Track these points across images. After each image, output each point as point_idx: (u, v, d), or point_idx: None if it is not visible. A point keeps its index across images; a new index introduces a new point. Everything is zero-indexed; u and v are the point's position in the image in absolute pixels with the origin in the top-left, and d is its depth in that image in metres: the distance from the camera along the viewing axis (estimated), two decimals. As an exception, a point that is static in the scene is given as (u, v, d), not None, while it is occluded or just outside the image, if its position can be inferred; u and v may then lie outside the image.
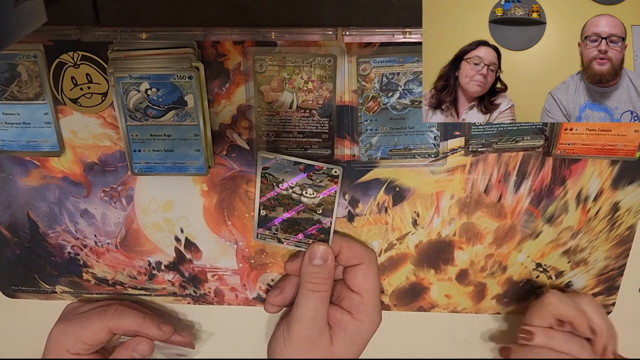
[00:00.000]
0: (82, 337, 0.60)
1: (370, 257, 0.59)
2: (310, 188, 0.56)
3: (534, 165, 0.58)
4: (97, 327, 0.60)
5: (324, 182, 0.56)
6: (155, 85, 0.53)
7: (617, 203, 0.59)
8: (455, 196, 0.59)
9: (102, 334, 0.60)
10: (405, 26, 0.44)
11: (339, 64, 0.53)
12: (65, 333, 0.60)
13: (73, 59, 0.54)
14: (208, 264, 0.64)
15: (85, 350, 0.60)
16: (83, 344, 0.60)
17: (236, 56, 0.53)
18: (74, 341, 0.60)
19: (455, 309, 0.66)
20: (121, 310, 0.61)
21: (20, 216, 0.63)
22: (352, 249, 0.59)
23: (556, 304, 0.58)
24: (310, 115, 0.55)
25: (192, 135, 0.55)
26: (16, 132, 0.57)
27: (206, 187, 0.60)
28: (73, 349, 0.60)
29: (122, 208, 0.62)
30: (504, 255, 0.62)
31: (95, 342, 0.60)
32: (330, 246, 0.58)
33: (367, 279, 0.59)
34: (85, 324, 0.60)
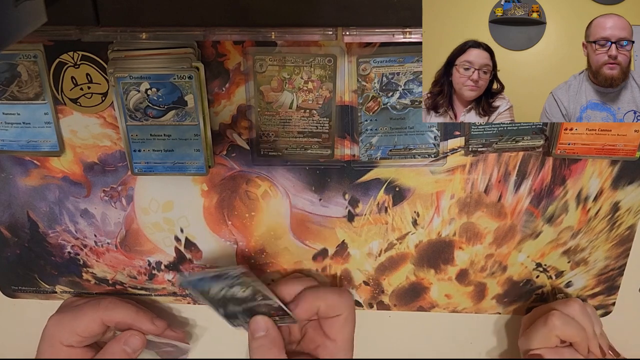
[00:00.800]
0: (75, 329, 0.60)
1: (348, 306, 0.59)
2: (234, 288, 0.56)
3: (534, 165, 0.58)
4: (90, 319, 0.60)
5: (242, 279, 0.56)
6: (155, 85, 0.53)
7: (617, 203, 0.59)
8: (455, 196, 0.59)
9: (95, 326, 0.60)
10: (405, 26, 0.44)
11: (339, 64, 0.53)
12: (60, 325, 0.60)
13: (73, 59, 0.54)
14: (208, 264, 0.64)
15: (79, 342, 0.60)
16: (77, 335, 0.60)
17: (236, 56, 0.53)
18: (68, 333, 0.60)
19: (455, 309, 0.66)
20: (114, 303, 0.61)
21: (20, 216, 0.63)
22: (329, 303, 0.59)
23: (561, 327, 0.58)
24: (310, 115, 0.55)
25: (192, 135, 0.55)
26: (16, 132, 0.57)
27: (206, 187, 0.60)
28: (67, 340, 0.60)
29: (122, 208, 0.62)
30: (504, 255, 0.62)
31: (89, 334, 0.60)
32: (268, 318, 0.58)
33: (345, 327, 0.59)
34: (79, 315, 0.60)
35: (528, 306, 0.65)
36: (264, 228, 0.62)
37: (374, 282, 0.64)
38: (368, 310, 0.66)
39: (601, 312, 0.65)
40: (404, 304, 0.66)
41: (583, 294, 0.64)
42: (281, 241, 0.62)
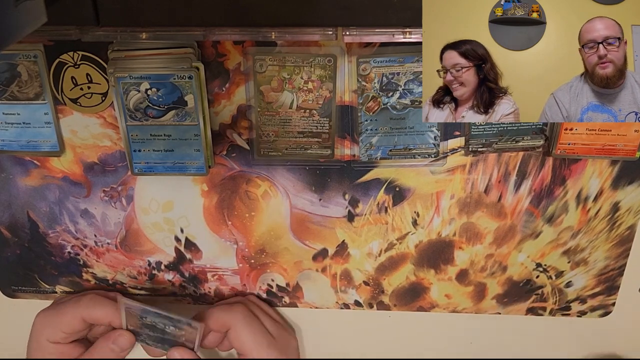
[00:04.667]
0: (59, 325, 0.59)
1: (235, 317, 0.60)
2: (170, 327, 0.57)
3: (534, 165, 0.58)
4: (71, 316, 0.60)
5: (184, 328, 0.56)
6: (155, 85, 0.53)
7: (617, 203, 0.59)
8: (455, 196, 0.59)
9: (77, 323, 0.60)
10: (405, 26, 0.44)
11: (339, 64, 0.53)
12: (45, 322, 0.60)
13: (73, 59, 0.54)
14: (208, 264, 0.64)
15: (64, 339, 0.60)
16: (61, 332, 0.59)
17: (236, 56, 0.53)
18: (52, 330, 0.60)
19: (455, 309, 0.66)
20: (95, 300, 0.60)
21: (20, 216, 0.63)
22: (215, 320, 0.59)
23: None
24: (310, 115, 0.55)
25: (192, 135, 0.55)
26: (16, 132, 0.57)
27: (206, 187, 0.60)
28: (52, 337, 0.60)
29: (122, 208, 0.62)
30: (504, 255, 0.62)
31: (72, 330, 0.60)
32: None
33: (242, 337, 0.59)
34: (61, 312, 0.60)
35: (528, 306, 0.65)
36: (264, 228, 0.62)
37: (374, 282, 0.64)
38: (368, 310, 0.66)
39: (601, 312, 0.65)
40: (404, 304, 0.66)
41: (583, 294, 0.64)
42: (281, 241, 0.62)
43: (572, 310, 0.65)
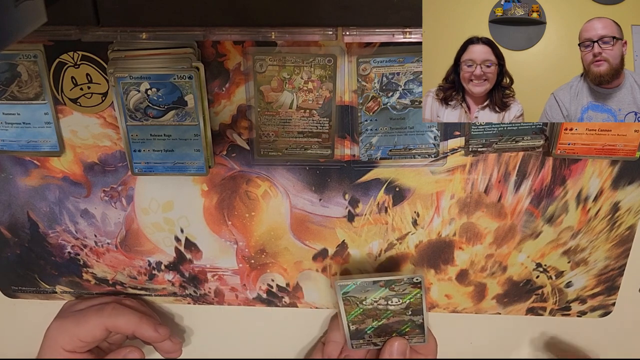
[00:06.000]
0: (78, 334, 0.60)
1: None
2: (395, 297, 0.58)
3: (534, 165, 0.58)
4: (94, 325, 0.60)
5: (407, 290, 0.58)
6: (155, 85, 0.53)
7: (617, 203, 0.59)
8: (455, 196, 0.59)
9: (98, 332, 0.60)
10: (405, 26, 0.44)
11: (339, 64, 0.53)
12: (62, 330, 0.60)
13: (73, 59, 0.54)
14: (208, 264, 0.64)
15: (81, 348, 0.60)
16: (79, 341, 0.60)
17: (236, 56, 0.53)
18: (70, 338, 0.60)
19: (455, 309, 0.66)
20: (118, 309, 0.61)
21: (20, 216, 0.63)
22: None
23: None
24: (310, 115, 0.55)
25: (192, 135, 0.55)
26: (16, 132, 0.57)
27: (206, 187, 0.60)
28: (68, 346, 0.60)
29: (122, 208, 0.62)
30: (504, 255, 0.62)
31: (92, 339, 0.60)
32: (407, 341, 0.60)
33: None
34: (82, 321, 0.60)
35: (528, 306, 0.65)
36: (264, 228, 0.62)
37: (374, 282, 0.64)
38: (368, 310, 0.66)
39: (601, 312, 0.65)
40: (404, 304, 0.66)
41: (583, 294, 0.64)
42: (281, 241, 0.62)
43: (572, 310, 0.65)
